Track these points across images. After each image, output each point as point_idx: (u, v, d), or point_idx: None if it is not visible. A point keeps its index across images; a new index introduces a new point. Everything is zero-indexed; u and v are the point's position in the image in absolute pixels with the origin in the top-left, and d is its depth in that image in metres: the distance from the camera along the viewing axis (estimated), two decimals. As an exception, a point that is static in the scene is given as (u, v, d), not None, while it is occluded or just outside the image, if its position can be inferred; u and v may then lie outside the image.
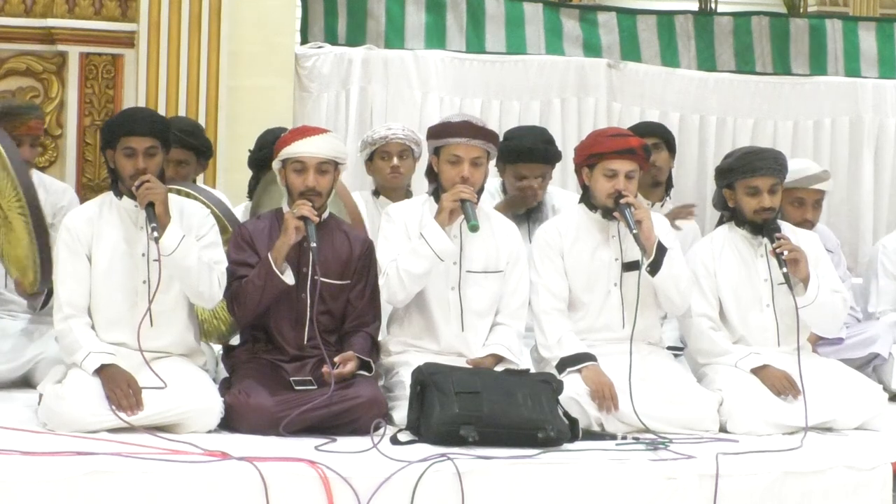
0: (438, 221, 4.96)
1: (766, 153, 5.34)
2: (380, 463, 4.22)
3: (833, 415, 5.02)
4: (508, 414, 4.52)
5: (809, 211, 5.86)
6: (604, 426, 4.82)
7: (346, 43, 7.22)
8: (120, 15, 6.66)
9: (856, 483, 4.50)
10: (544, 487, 4.26)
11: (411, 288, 4.97)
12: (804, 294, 5.10)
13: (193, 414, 4.55)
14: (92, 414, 4.45)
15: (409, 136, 6.04)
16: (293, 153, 4.91)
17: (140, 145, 4.75)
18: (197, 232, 4.82)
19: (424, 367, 4.67)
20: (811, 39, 7.83)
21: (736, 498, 4.37)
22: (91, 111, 6.64)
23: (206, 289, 4.75)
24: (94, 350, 4.61)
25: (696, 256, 5.34)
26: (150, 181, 4.67)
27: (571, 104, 7.30)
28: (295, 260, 4.89)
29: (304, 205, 4.83)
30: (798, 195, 5.80)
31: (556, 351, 5.04)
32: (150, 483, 4.02)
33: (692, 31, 7.72)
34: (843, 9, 10.24)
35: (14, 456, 4.06)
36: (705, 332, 5.23)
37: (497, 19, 7.46)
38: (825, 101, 7.63)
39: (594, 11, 7.77)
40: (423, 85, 7.14)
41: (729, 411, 4.95)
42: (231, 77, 6.66)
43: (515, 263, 5.16)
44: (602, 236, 5.19)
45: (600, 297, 5.16)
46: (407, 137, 6.02)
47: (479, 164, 5.06)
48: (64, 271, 4.74)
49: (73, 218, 4.82)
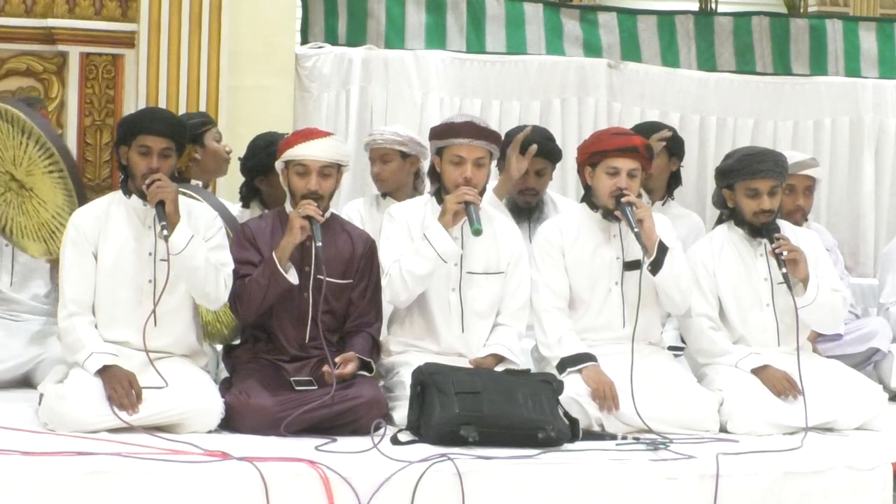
0: (442, 223, 4.96)
1: (766, 155, 5.34)
2: (380, 463, 4.23)
3: (833, 415, 5.02)
4: (509, 414, 4.52)
5: (801, 197, 5.93)
6: (604, 426, 4.82)
7: (346, 43, 7.21)
8: (120, 15, 6.66)
9: (856, 483, 4.50)
10: (545, 487, 4.26)
11: (414, 289, 4.97)
12: (804, 294, 5.10)
13: (194, 414, 4.55)
14: (93, 414, 4.45)
15: (392, 138, 5.95)
16: (296, 156, 4.91)
17: (156, 145, 4.75)
18: (205, 234, 4.82)
19: (425, 367, 4.67)
20: (811, 39, 7.83)
21: (736, 498, 4.38)
22: (91, 111, 6.64)
23: (213, 290, 4.75)
24: (96, 350, 4.61)
25: (695, 256, 5.34)
26: (162, 180, 4.67)
27: (572, 104, 7.30)
28: (298, 259, 4.89)
29: (310, 204, 4.83)
30: (788, 182, 5.77)
31: (556, 350, 5.04)
32: (151, 483, 4.02)
33: (692, 32, 7.72)
34: (843, 9, 10.22)
35: (14, 456, 4.06)
36: (705, 331, 5.23)
37: (497, 19, 7.45)
38: (825, 101, 7.62)
39: (594, 11, 7.76)
40: (423, 85, 7.14)
41: (729, 411, 4.95)
42: (231, 77, 6.65)
43: (516, 264, 5.16)
44: (603, 235, 5.19)
45: (601, 296, 5.16)
46: (388, 140, 5.95)
47: (482, 164, 5.07)
48: (70, 269, 4.74)
49: (81, 215, 4.82)
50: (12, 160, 5.10)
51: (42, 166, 5.05)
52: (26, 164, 5.09)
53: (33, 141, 5.02)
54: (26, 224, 5.20)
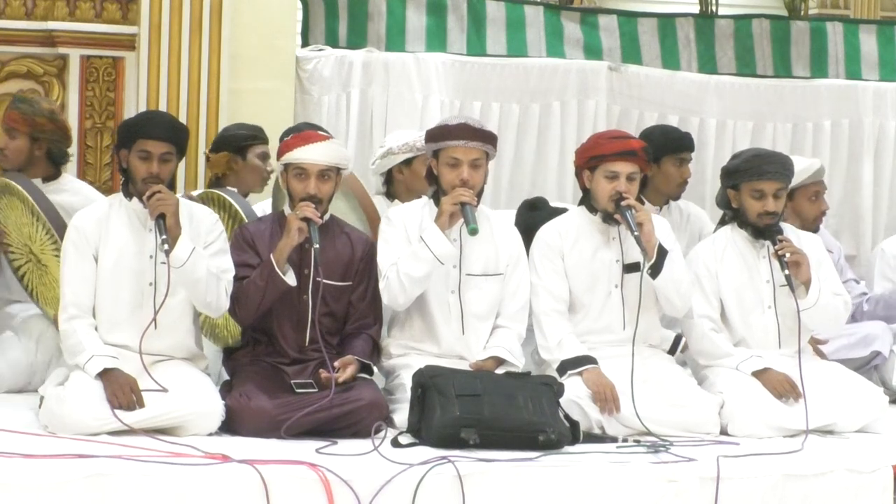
0: (438, 225, 4.96)
1: (774, 157, 5.34)
2: (381, 465, 4.23)
3: (834, 418, 5.02)
4: (509, 417, 4.52)
5: (823, 202, 6.08)
6: (604, 429, 4.82)
7: (346, 45, 7.21)
8: (121, 18, 6.66)
9: (857, 486, 4.50)
10: (545, 490, 4.27)
11: (412, 291, 4.97)
12: (805, 296, 5.11)
13: (194, 417, 4.55)
14: (93, 417, 4.45)
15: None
16: (295, 159, 4.91)
17: (156, 150, 4.74)
18: (205, 238, 4.82)
19: (425, 369, 4.67)
20: (812, 42, 7.83)
21: (737, 501, 4.38)
22: (92, 114, 6.64)
23: (214, 299, 4.75)
24: (97, 353, 4.61)
25: (698, 258, 5.34)
26: (162, 192, 4.66)
27: (571, 107, 7.29)
28: (296, 261, 4.89)
29: (308, 206, 4.83)
30: (814, 189, 6.02)
31: (556, 353, 5.04)
32: (151, 486, 4.02)
33: (693, 34, 7.72)
34: (843, 11, 10.22)
35: (15, 458, 4.07)
36: (707, 333, 5.23)
37: (498, 22, 7.45)
38: (825, 103, 7.62)
39: (595, 14, 7.76)
40: (423, 87, 7.13)
41: (730, 414, 4.95)
42: (232, 80, 6.65)
43: (515, 266, 5.16)
44: (602, 238, 5.19)
45: (601, 299, 5.16)
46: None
47: (478, 165, 5.06)
48: (70, 272, 4.74)
49: (82, 218, 4.82)
50: (28, 237, 5.21)
51: (50, 250, 5.17)
52: (38, 244, 5.21)
53: (41, 224, 5.15)
54: (45, 293, 5.29)
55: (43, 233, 5.13)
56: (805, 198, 5.99)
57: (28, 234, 5.18)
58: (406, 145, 5.83)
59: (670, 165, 6.15)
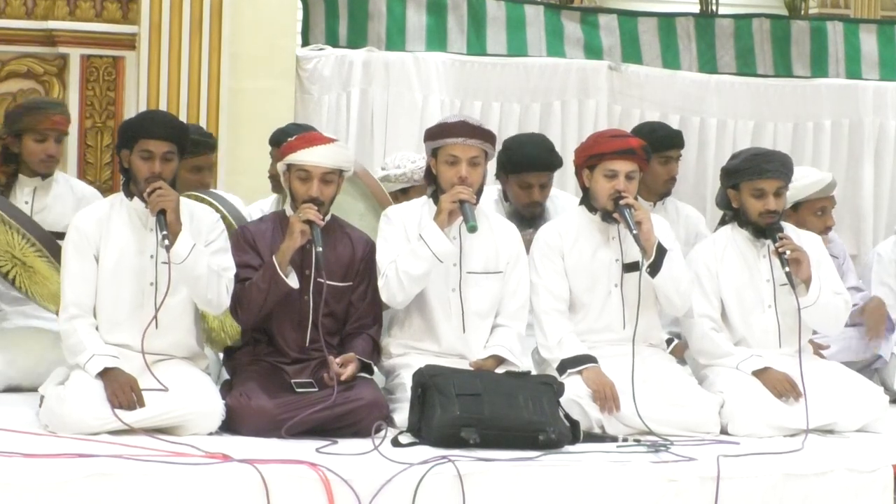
0: (437, 223, 4.96)
1: (773, 156, 5.34)
2: (381, 465, 4.23)
3: (834, 417, 5.02)
4: (509, 416, 4.52)
5: (830, 218, 5.97)
6: (605, 428, 4.82)
7: (347, 45, 7.22)
8: (121, 17, 6.67)
9: (857, 486, 4.50)
10: (545, 490, 4.26)
11: (410, 289, 4.96)
12: (806, 294, 5.11)
13: (194, 416, 4.55)
14: (93, 416, 4.45)
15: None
16: (298, 161, 4.91)
17: (158, 149, 4.74)
18: (206, 237, 4.82)
19: (425, 369, 4.67)
20: (812, 42, 7.83)
21: (737, 500, 4.37)
22: (92, 113, 6.64)
23: (215, 296, 4.75)
24: (97, 352, 4.61)
25: (698, 257, 5.34)
26: (163, 188, 4.66)
27: (572, 106, 7.30)
28: (298, 262, 4.89)
29: (310, 208, 4.83)
30: (822, 205, 5.90)
31: (556, 352, 5.04)
32: (151, 485, 4.02)
33: (693, 34, 7.73)
34: (844, 11, 10.22)
35: (15, 458, 4.06)
36: (707, 333, 5.23)
37: (498, 21, 7.46)
38: (826, 103, 7.63)
39: (595, 14, 7.77)
40: (424, 87, 7.14)
41: (730, 413, 4.95)
42: (232, 79, 6.66)
43: (515, 264, 5.16)
44: (602, 237, 5.19)
45: (601, 298, 5.16)
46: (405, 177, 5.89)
47: (477, 163, 5.06)
48: (71, 271, 4.74)
49: (83, 218, 4.82)
50: (7, 244, 5.17)
51: (31, 252, 5.14)
52: (19, 249, 5.17)
53: (14, 230, 5.10)
54: (41, 292, 5.28)
55: (19, 238, 5.10)
56: (811, 212, 5.86)
57: (6, 242, 5.15)
58: (404, 175, 5.82)
59: (655, 163, 6.12)
